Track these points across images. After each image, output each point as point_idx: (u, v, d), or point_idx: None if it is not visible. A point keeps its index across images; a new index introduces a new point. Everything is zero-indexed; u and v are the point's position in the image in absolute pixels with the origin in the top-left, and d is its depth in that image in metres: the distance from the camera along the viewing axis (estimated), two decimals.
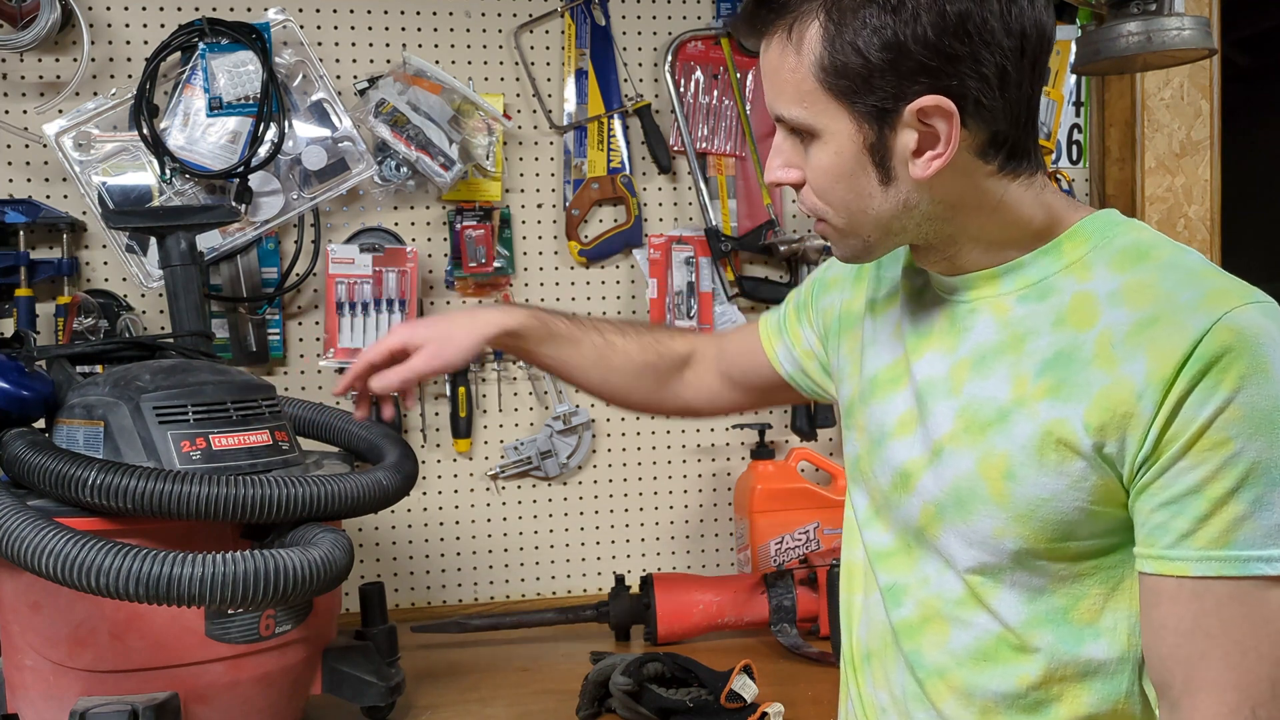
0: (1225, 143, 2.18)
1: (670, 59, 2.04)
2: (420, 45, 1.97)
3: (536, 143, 2.02)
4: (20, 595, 1.25)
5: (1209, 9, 2.11)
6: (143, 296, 1.86)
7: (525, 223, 2.02)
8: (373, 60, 1.95)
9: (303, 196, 1.87)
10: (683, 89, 2.05)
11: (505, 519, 2.02)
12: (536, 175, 2.02)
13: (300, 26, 1.87)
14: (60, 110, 1.80)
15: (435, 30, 1.97)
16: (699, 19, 2.07)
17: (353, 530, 1.86)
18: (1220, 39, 2.05)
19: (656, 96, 2.05)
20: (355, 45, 1.94)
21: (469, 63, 1.99)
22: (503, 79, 2.00)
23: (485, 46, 1.99)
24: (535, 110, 2.01)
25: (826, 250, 2.05)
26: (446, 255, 1.98)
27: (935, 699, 0.96)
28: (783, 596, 1.75)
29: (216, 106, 1.83)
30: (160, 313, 1.86)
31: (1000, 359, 0.91)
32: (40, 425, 1.35)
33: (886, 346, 1.03)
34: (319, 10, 1.93)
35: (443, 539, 2.00)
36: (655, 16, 2.06)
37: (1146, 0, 1.59)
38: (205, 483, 1.17)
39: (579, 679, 1.51)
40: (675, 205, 2.07)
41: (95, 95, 1.82)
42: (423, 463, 1.83)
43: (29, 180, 1.83)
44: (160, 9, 1.87)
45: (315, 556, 1.14)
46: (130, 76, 1.84)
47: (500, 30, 2.00)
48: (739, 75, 2.08)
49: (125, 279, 1.85)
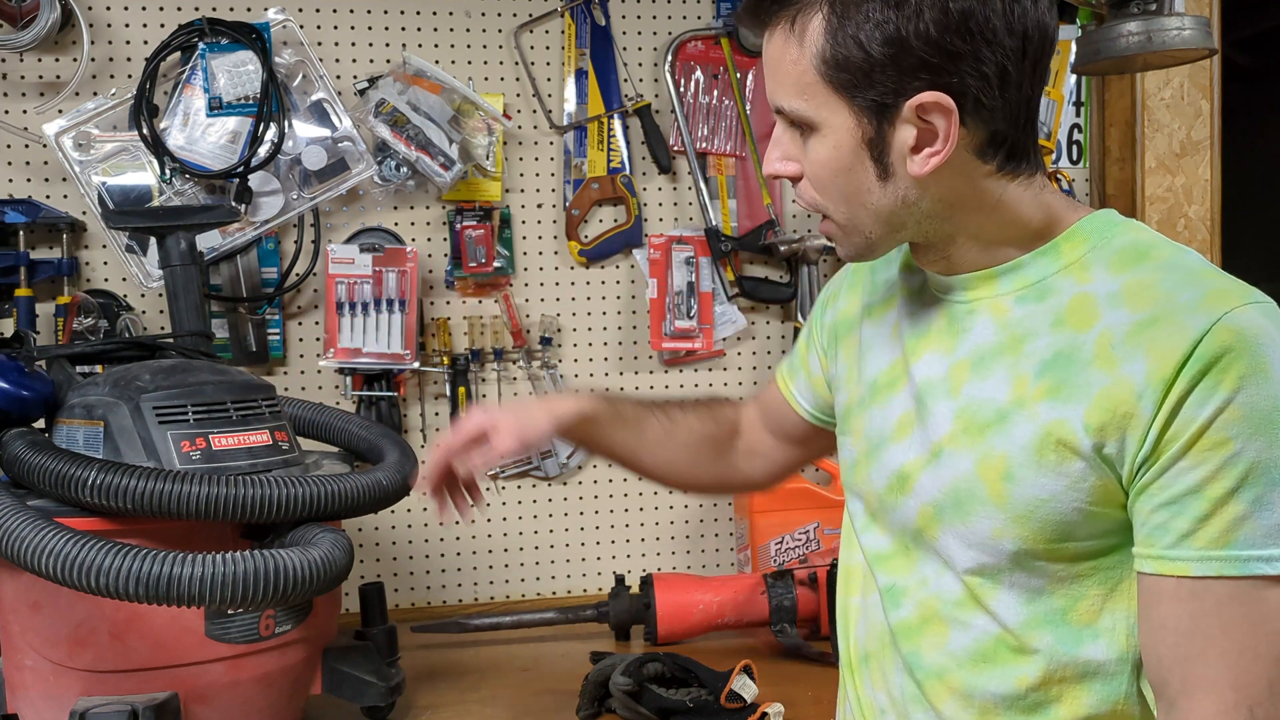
0: (1225, 143, 2.18)
1: (670, 59, 2.04)
2: (420, 45, 1.97)
3: (536, 143, 2.02)
4: (20, 595, 1.25)
5: (1209, 9, 2.11)
6: (143, 296, 1.86)
7: (525, 223, 2.02)
8: (373, 60, 1.95)
9: (303, 196, 1.87)
10: (683, 89, 2.05)
11: (505, 519, 2.02)
12: (536, 175, 2.02)
13: (300, 26, 1.87)
14: (60, 110, 1.81)
15: (435, 30, 1.97)
16: (699, 19, 2.07)
17: (353, 530, 1.86)
18: (1220, 39, 2.05)
19: (656, 96, 2.05)
20: (355, 45, 1.94)
21: (469, 63, 1.99)
22: (503, 79, 2.00)
23: (485, 46, 1.99)
24: (535, 110, 2.01)
25: (827, 250, 2.05)
26: (446, 255, 1.98)
27: (934, 700, 0.96)
28: (783, 596, 1.75)
29: (216, 106, 1.83)
30: (160, 313, 1.86)
31: (999, 360, 0.90)
32: (40, 425, 1.35)
33: (884, 349, 1.03)
34: (319, 10, 1.93)
35: (443, 539, 2.00)
36: (655, 16, 2.06)
37: (1146, 0, 1.59)
38: (205, 483, 1.17)
39: (579, 679, 1.51)
40: (675, 205, 2.07)
41: (95, 95, 1.82)
42: (423, 463, 1.83)
43: (29, 180, 1.83)
44: (160, 9, 1.87)
45: (315, 556, 1.15)
46: (130, 76, 1.85)
47: (500, 30, 2.00)
48: (739, 75, 2.08)
49: (125, 279, 1.85)
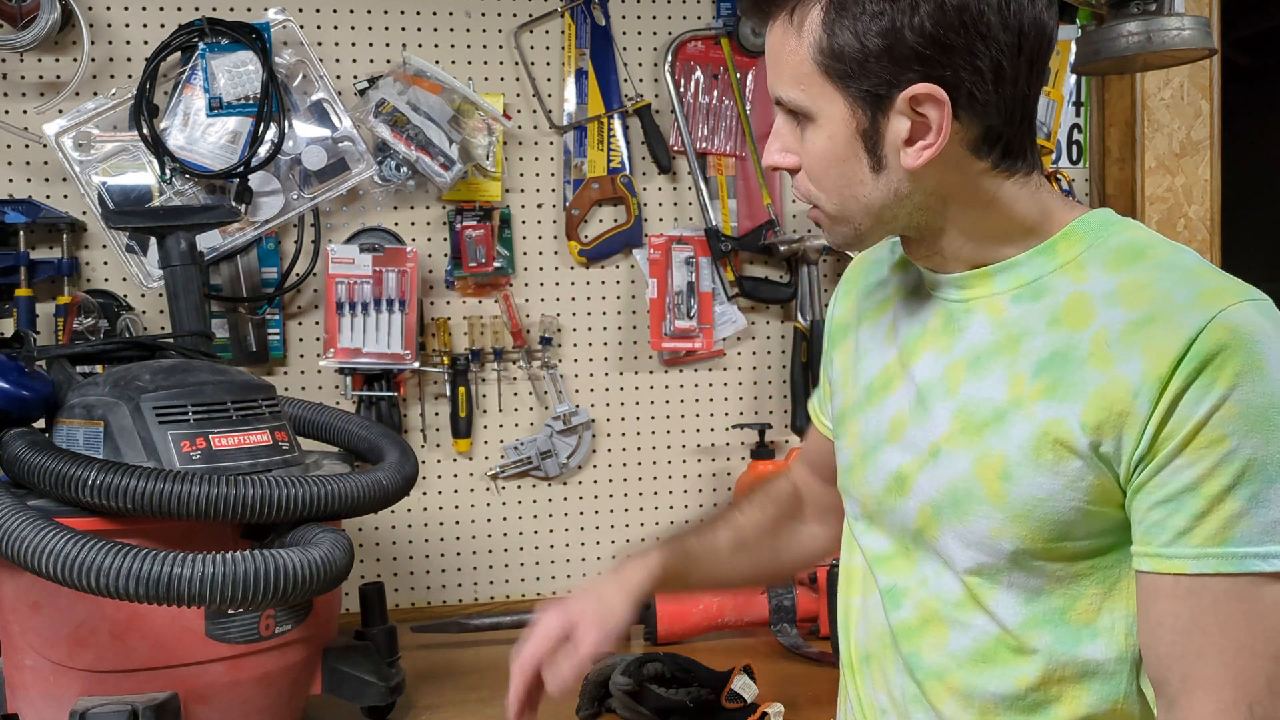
0: (1225, 143, 2.18)
1: (670, 59, 2.04)
2: (420, 45, 1.97)
3: (536, 143, 2.02)
4: (20, 595, 1.25)
5: (1209, 9, 2.11)
6: (143, 296, 1.86)
7: (525, 223, 2.02)
8: (373, 60, 1.95)
9: (303, 196, 1.87)
10: (683, 89, 2.05)
11: (505, 519, 2.02)
12: (536, 175, 2.02)
13: (300, 26, 1.87)
14: (60, 110, 1.81)
15: (435, 30, 1.98)
16: (699, 19, 2.07)
17: (353, 530, 1.86)
18: (1220, 39, 2.05)
19: (656, 96, 2.05)
20: (355, 45, 1.95)
21: (469, 63, 1.99)
22: (503, 79, 2.00)
23: (485, 46, 2.00)
24: (535, 110, 2.01)
25: (827, 250, 2.05)
26: (446, 255, 1.98)
27: (934, 700, 0.96)
28: (783, 596, 1.75)
29: (216, 106, 1.84)
30: (160, 313, 1.86)
31: (996, 359, 0.91)
32: (40, 425, 1.35)
33: (879, 352, 1.03)
34: (319, 10, 1.93)
35: (443, 539, 2.00)
36: (655, 16, 2.06)
37: (1146, 0, 1.59)
38: (205, 483, 1.17)
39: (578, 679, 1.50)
40: (675, 205, 2.07)
41: (95, 95, 1.82)
42: (423, 463, 1.84)
43: (29, 180, 1.84)
44: (160, 9, 1.87)
45: (315, 556, 1.15)
46: (130, 76, 1.85)
47: (500, 30, 2.00)
48: (739, 75, 2.08)
49: (125, 279, 1.85)
